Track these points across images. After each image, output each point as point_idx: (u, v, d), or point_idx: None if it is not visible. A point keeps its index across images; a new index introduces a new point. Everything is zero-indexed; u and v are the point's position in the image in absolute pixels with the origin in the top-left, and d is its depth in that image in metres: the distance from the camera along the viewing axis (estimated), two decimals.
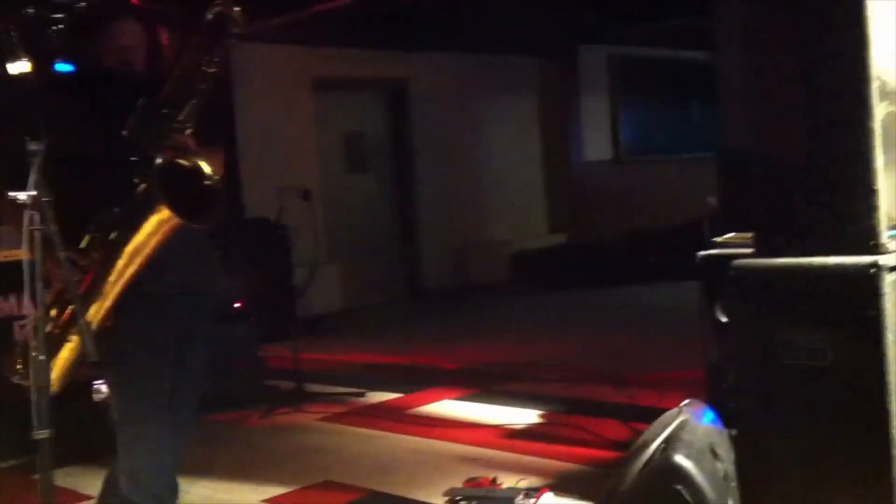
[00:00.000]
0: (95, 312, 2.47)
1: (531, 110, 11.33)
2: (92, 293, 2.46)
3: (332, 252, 9.11)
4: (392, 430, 4.76)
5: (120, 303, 2.51)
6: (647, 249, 10.06)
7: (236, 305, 5.74)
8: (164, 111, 2.54)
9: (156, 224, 2.47)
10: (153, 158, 2.46)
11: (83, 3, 2.94)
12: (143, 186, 2.48)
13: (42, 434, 1.99)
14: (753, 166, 2.82)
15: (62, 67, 7.15)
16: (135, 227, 2.48)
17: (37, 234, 2.03)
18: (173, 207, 2.41)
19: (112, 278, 2.49)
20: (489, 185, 10.73)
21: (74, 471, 4.13)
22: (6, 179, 2.29)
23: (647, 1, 8.91)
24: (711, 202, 5.10)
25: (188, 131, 2.57)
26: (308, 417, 5.15)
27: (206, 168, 2.50)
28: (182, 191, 2.43)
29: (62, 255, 2.09)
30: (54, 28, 7.09)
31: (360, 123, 10.03)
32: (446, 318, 8.83)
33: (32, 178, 2.05)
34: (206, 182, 2.49)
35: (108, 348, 2.50)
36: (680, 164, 11.25)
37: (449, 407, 5.17)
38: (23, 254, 2.09)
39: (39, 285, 2.02)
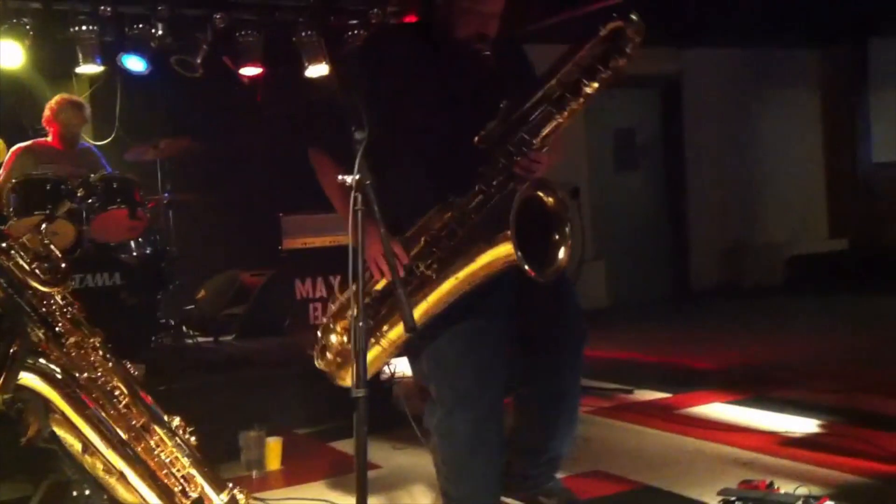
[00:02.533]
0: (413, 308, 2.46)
1: (812, 106, 10.77)
2: (416, 299, 2.49)
3: (600, 249, 9.15)
4: (661, 428, 4.73)
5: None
6: None
7: None
8: (523, 131, 2.37)
9: (492, 258, 2.39)
10: (510, 180, 2.35)
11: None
12: (489, 203, 2.38)
13: (359, 393, 2.18)
14: None
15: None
16: (470, 252, 2.42)
17: (360, 215, 2.22)
18: (518, 250, 2.31)
19: (432, 291, 2.51)
20: (765, 185, 10.32)
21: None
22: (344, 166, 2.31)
23: None
24: None
25: (545, 149, 2.41)
26: None
27: (560, 211, 2.39)
28: (529, 231, 2.35)
29: (383, 231, 2.26)
30: (351, 33, 7.62)
31: (631, 121, 9.99)
32: (715, 318, 8.61)
33: (357, 163, 2.24)
34: (556, 233, 2.40)
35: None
36: None
37: (720, 409, 5.06)
38: (350, 235, 2.24)
39: (361, 261, 2.22)
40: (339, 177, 2.23)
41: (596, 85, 2.35)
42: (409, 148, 2.64)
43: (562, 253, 2.48)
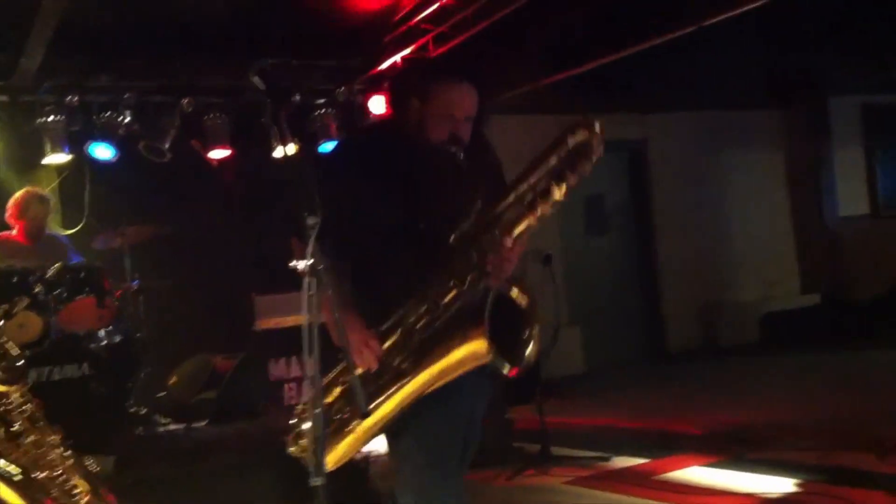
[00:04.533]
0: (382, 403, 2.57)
1: (777, 165, 10.95)
2: (383, 390, 2.56)
3: (574, 315, 9.16)
4: (640, 496, 4.68)
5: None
6: None
7: None
8: (497, 229, 2.45)
9: (466, 354, 2.45)
10: (481, 276, 2.43)
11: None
12: (463, 298, 2.46)
13: (318, 482, 2.16)
14: None
15: (325, 148, 7.74)
16: (444, 345, 2.48)
17: (314, 300, 2.23)
18: (492, 346, 2.38)
19: (406, 384, 2.56)
20: (735, 244, 10.44)
21: None
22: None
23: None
24: None
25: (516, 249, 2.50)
26: (554, 480, 5.18)
27: (532, 309, 2.47)
28: (500, 323, 2.41)
29: (336, 317, 2.28)
30: (318, 112, 7.71)
31: (599, 186, 10.10)
32: (692, 380, 8.60)
33: (310, 249, 2.25)
34: (527, 330, 2.48)
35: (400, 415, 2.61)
36: None
37: (698, 474, 5.03)
38: (303, 318, 2.27)
39: (316, 346, 2.22)
40: (292, 263, 2.25)
41: (564, 188, 2.45)
42: (379, 242, 2.70)
43: (530, 350, 2.52)
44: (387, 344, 2.60)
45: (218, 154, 7.06)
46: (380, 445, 5.19)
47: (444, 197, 2.61)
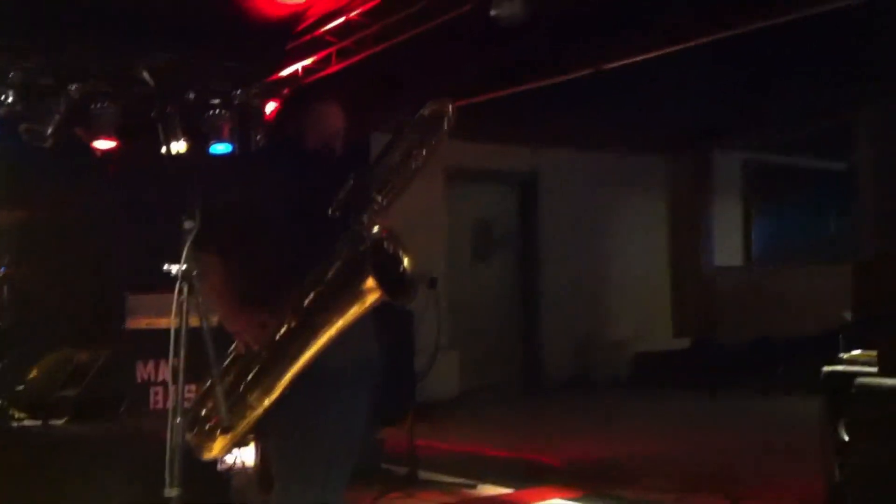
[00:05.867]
0: (278, 380, 2.62)
1: (660, 210, 11.30)
2: (283, 357, 2.63)
3: (454, 339, 9.19)
4: None
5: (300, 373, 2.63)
6: (775, 359, 9.76)
7: None
8: (371, 195, 2.68)
9: (355, 296, 2.61)
10: (362, 235, 2.62)
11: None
12: (345, 259, 2.63)
13: (173, 493, 2.09)
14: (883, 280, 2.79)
15: (216, 149, 7.55)
16: (335, 297, 2.62)
17: (184, 304, 2.18)
18: (379, 281, 2.55)
19: (305, 346, 2.63)
20: (614, 283, 10.68)
21: None
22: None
23: (784, 108, 8.87)
24: (846, 317, 5.00)
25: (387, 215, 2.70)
26: None
27: (406, 256, 2.65)
28: (383, 271, 2.59)
29: (205, 324, 2.24)
30: (212, 112, 7.53)
31: (488, 214, 10.21)
32: (563, 411, 8.76)
33: (184, 253, 2.21)
34: (403, 269, 2.65)
35: (280, 420, 2.64)
36: (814, 273, 10.96)
37: None
38: (171, 322, 2.23)
39: (182, 352, 2.16)
40: (165, 266, 2.21)
41: (425, 153, 2.69)
42: (264, 242, 2.80)
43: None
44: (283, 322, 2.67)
45: (103, 144, 6.82)
46: (245, 456, 5.11)
47: (324, 192, 2.76)
